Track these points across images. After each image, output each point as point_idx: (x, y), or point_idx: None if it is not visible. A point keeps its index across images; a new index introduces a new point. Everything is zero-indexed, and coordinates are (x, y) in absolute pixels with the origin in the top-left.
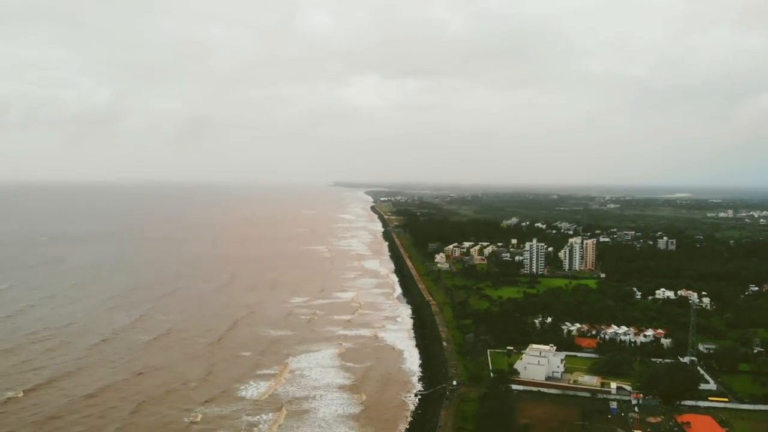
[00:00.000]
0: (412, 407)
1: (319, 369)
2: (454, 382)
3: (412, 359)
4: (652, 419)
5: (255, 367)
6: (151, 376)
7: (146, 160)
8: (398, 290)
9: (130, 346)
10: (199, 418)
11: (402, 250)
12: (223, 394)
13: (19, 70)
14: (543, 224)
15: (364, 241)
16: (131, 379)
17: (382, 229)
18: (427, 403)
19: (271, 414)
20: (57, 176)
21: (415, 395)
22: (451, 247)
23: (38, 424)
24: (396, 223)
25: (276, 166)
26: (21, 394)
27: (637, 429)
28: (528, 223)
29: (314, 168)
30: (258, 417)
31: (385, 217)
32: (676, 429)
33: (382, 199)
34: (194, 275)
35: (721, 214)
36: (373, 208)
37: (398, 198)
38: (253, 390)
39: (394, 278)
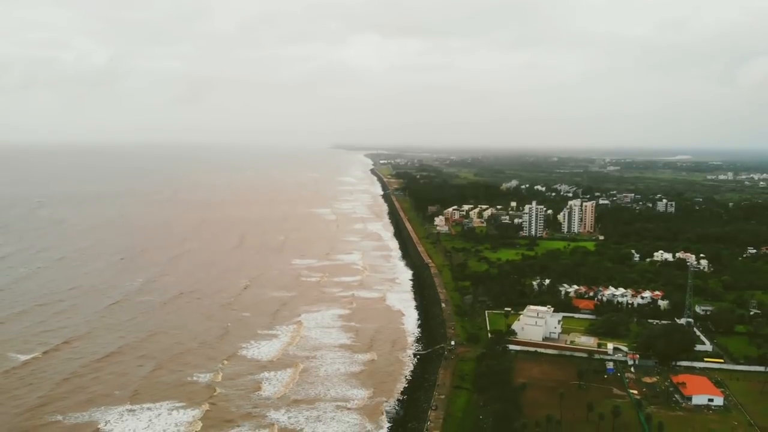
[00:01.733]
0: (411, 366)
1: (323, 330)
2: (452, 343)
3: (411, 320)
4: (647, 379)
5: (266, 327)
6: (168, 336)
7: (146, 121)
8: (398, 253)
9: (143, 308)
10: (219, 377)
11: (401, 213)
12: (239, 354)
13: (18, 30)
14: (543, 187)
15: (365, 203)
16: (148, 339)
17: (382, 193)
18: (425, 363)
19: (280, 372)
20: (57, 137)
21: (414, 355)
22: (450, 210)
23: (59, 383)
24: (395, 186)
25: (276, 128)
26: (40, 355)
27: (633, 389)
28: (528, 185)
29: (314, 130)
30: (270, 374)
31: (385, 180)
32: (671, 389)
33: (381, 161)
34: (202, 238)
35: (721, 177)
36: (372, 171)
37: (398, 161)
38: (266, 350)
39: (394, 241)
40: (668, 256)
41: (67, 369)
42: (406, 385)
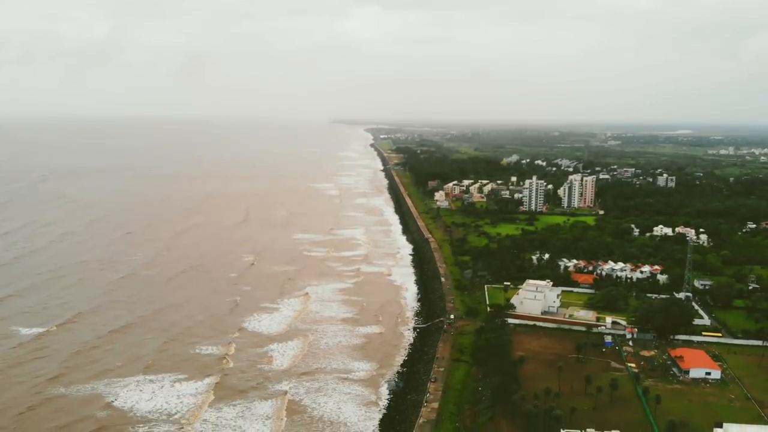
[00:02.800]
0: (411, 340)
1: (327, 303)
2: (452, 316)
3: (411, 294)
4: (645, 353)
5: (273, 301)
6: (176, 310)
7: (146, 95)
8: (398, 228)
9: (150, 283)
10: (229, 350)
11: (402, 188)
12: (247, 327)
13: (16, 3)
14: (543, 161)
15: (365, 178)
16: (157, 312)
17: (382, 167)
18: (425, 336)
19: (288, 344)
20: (57, 111)
21: (414, 329)
22: (450, 185)
23: (72, 356)
24: (396, 161)
25: (276, 102)
26: (54, 328)
27: (631, 362)
28: (528, 160)
29: (314, 104)
30: (278, 346)
31: (385, 154)
32: (669, 363)
33: (382, 136)
34: (206, 213)
35: (722, 152)
36: (372, 146)
37: (398, 135)
38: (273, 323)
39: (395, 216)
40: (668, 231)
41: (79, 342)
42: (406, 358)
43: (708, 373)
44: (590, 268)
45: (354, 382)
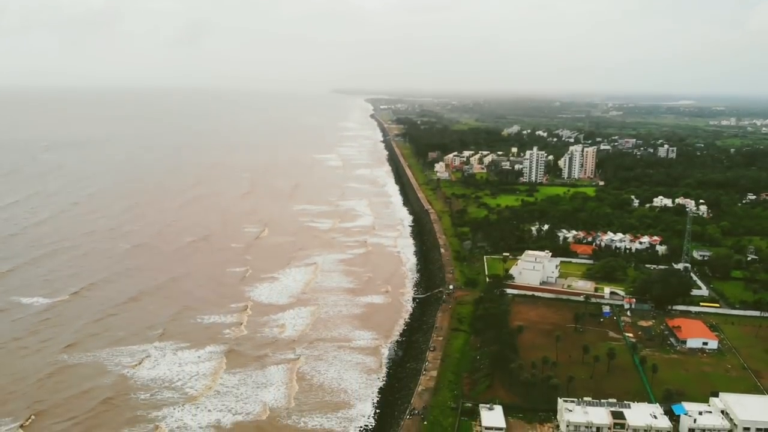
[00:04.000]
0: (410, 310)
1: (332, 274)
2: (451, 287)
3: (411, 265)
4: (643, 323)
5: (281, 272)
6: (188, 280)
7: (145, 64)
8: (399, 199)
9: (160, 253)
10: (240, 319)
11: (402, 160)
12: (257, 297)
13: None
14: (544, 132)
15: (366, 149)
16: (169, 282)
17: (382, 138)
18: (424, 306)
19: (297, 313)
20: (57, 81)
21: (413, 299)
22: (451, 156)
23: (87, 325)
24: (396, 132)
25: (275, 72)
26: (67, 297)
27: (629, 332)
28: (529, 131)
29: (314, 74)
30: (287, 315)
31: (385, 125)
32: (666, 333)
33: (382, 107)
34: (212, 183)
35: (724, 122)
36: (373, 116)
37: (398, 106)
38: (282, 293)
39: (395, 187)
40: (668, 202)
41: (93, 311)
42: (406, 328)
43: (705, 343)
44: (589, 239)
45: (355, 351)
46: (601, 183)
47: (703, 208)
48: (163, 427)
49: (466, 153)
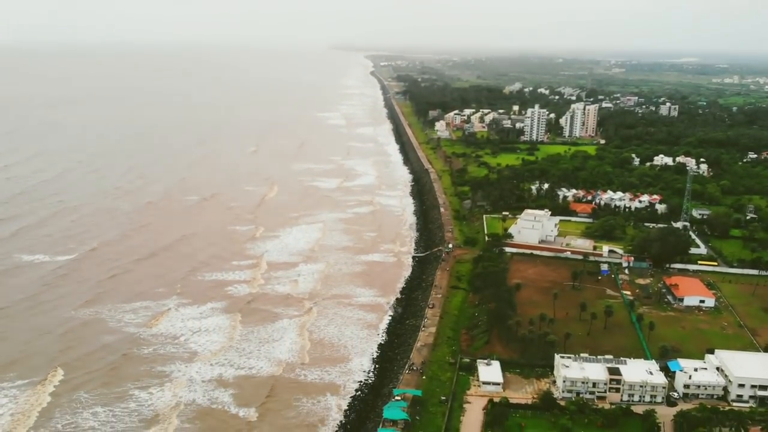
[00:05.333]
0: (410, 268)
1: (332, 233)
2: (450, 245)
3: (411, 224)
4: (641, 281)
5: (288, 230)
6: (200, 238)
7: (144, 17)
8: (399, 158)
9: (170, 212)
10: (254, 277)
11: (402, 118)
12: (268, 254)
13: None
14: (546, 90)
15: (366, 107)
16: (181, 241)
17: (383, 96)
18: (424, 265)
19: (307, 269)
20: (49, 38)
21: (413, 258)
22: (451, 114)
23: (103, 282)
24: (396, 90)
25: (273, 27)
26: (82, 255)
27: (626, 290)
28: (531, 88)
29: (312, 29)
30: (298, 270)
31: (386, 83)
32: (664, 290)
33: (382, 63)
34: (217, 142)
35: (727, 80)
36: (373, 74)
37: (399, 63)
38: (289, 251)
39: (395, 146)
40: (668, 161)
41: (108, 269)
42: (406, 286)
43: (702, 301)
44: (589, 198)
45: (357, 307)
46: (602, 141)
47: (704, 166)
48: (178, 381)
49: (467, 111)
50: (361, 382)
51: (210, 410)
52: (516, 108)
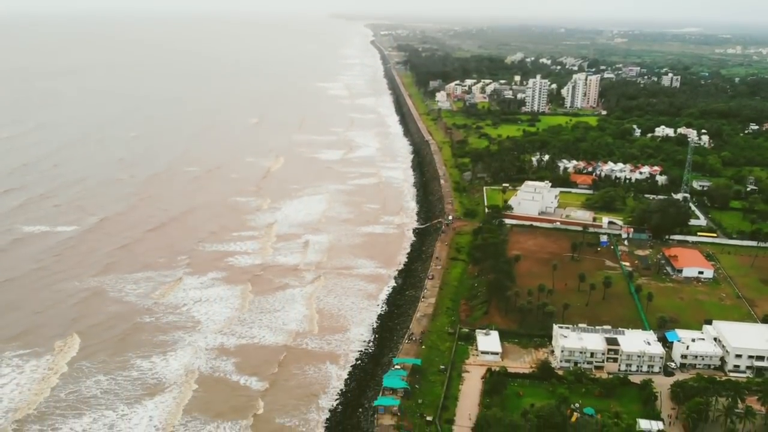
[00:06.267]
0: (410, 240)
1: (334, 205)
2: (450, 217)
3: (411, 196)
4: (640, 252)
5: (292, 203)
6: (208, 210)
7: None
8: (399, 130)
9: (177, 183)
10: (261, 248)
11: (403, 89)
12: (276, 226)
13: None
14: (548, 60)
15: (367, 78)
16: (189, 212)
17: (383, 66)
18: (423, 236)
19: (307, 241)
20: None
21: (413, 230)
22: (452, 84)
23: (112, 252)
24: (397, 60)
25: None
26: (92, 227)
27: (625, 261)
28: (533, 58)
29: None
30: (297, 244)
31: (386, 52)
32: (663, 262)
33: (382, 33)
34: (219, 113)
35: (729, 51)
36: (373, 43)
37: (399, 32)
38: (293, 223)
39: (395, 117)
40: (669, 132)
41: (118, 239)
42: (406, 257)
43: (701, 272)
44: (590, 169)
45: (359, 278)
46: (604, 112)
47: (705, 138)
48: (188, 350)
49: (468, 82)
50: (361, 351)
51: (218, 379)
52: (517, 78)
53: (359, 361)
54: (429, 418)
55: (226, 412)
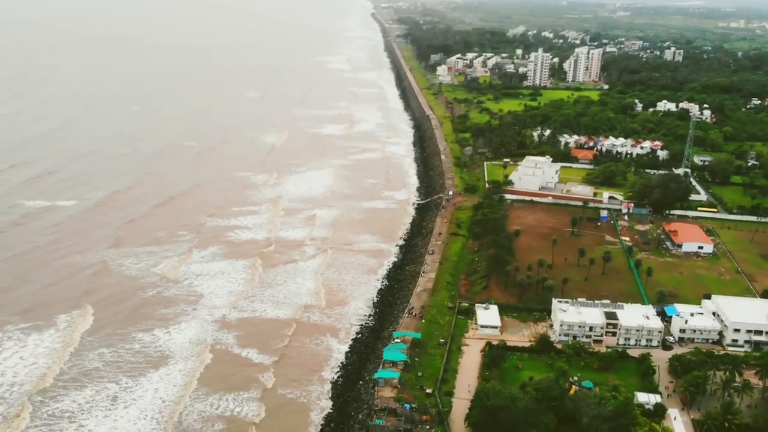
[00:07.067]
0: (411, 215)
1: (338, 180)
2: (450, 192)
3: (412, 171)
4: (640, 227)
5: (300, 174)
6: (215, 184)
7: None
8: (400, 105)
9: (183, 158)
10: (270, 223)
11: (403, 62)
12: (281, 201)
13: None
14: (550, 33)
15: (367, 52)
16: (197, 187)
17: (383, 40)
18: (424, 212)
19: (313, 214)
20: None
21: (413, 205)
22: (453, 58)
23: (121, 226)
24: (398, 33)
25: None
26: (98, 200)
27: (625, 236)
28: (535, 31)
29: None
30: (302, 219)
31: (386, 25)
32: (663, 237)
33: (383, 5)
34: (222, 87)
35: (733, 25)
36: (373, 16)
37: (400, 4)
38: (302, 195)
39: (395, 91)
40: (671, 106)
41: (127, 214)
42: (406, 232)
43: (700, 247)
44: (591, 144)
45: (360, 253)
46: (606, 86)
47: (707, 112)
48: (194, 322)
49: (470, 55)
50: (362, 325)
51: (225, 352)
52: (519, 52)
53: (360, 335)
54: (429, 391)
55: (235, 384)
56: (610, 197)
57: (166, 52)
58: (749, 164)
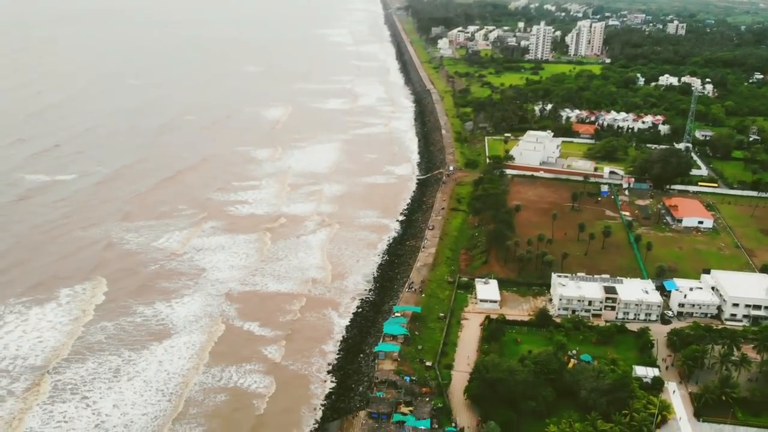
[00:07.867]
0: (411, 190)
1: (341, 154)
2: (451, 168)
3: (413, 146)
4: (640, 202)
5: (307, 148)
6: (221, 159)
7: None
8: (401, 79)
9: (190, 132)
10: (277, 198)
11: (404, 35)
12: (288, 174)
13: None
14: (552, 6)
15: (367, 24)
16: (203, 162)
17: (383, 12)
18: (424, 187)
19: (330, 187)
20: None
21: (414, 180)
22: (455, 31)
23: (129, 200)
24: (398, 5)
25: None
26: (106, 176)
27: (626, 211)
28: (537, 4)
29: None
30: (305, 194)
31: None
32: (663, 211)
33: None
34: (226, 62)
35: None
36: None
37: None
38: (309, 168)
39: (396, 64)
40: (674, 81)
41: (136, 188)
42: (407, 208)
43: (700, 222)
44: (592, 119)
45: (361, 228)
46: (608, 60)
47: (709, 87)
48: (201, 295)
49: (471, 28)
50: (362, 299)
51: (232, 326)
52: (521, 25)
53: (361, 309)
54: (428, 363)
55: (243, 357)
56: (611, 172)
57: (166, 26)
58: (751, 139)
